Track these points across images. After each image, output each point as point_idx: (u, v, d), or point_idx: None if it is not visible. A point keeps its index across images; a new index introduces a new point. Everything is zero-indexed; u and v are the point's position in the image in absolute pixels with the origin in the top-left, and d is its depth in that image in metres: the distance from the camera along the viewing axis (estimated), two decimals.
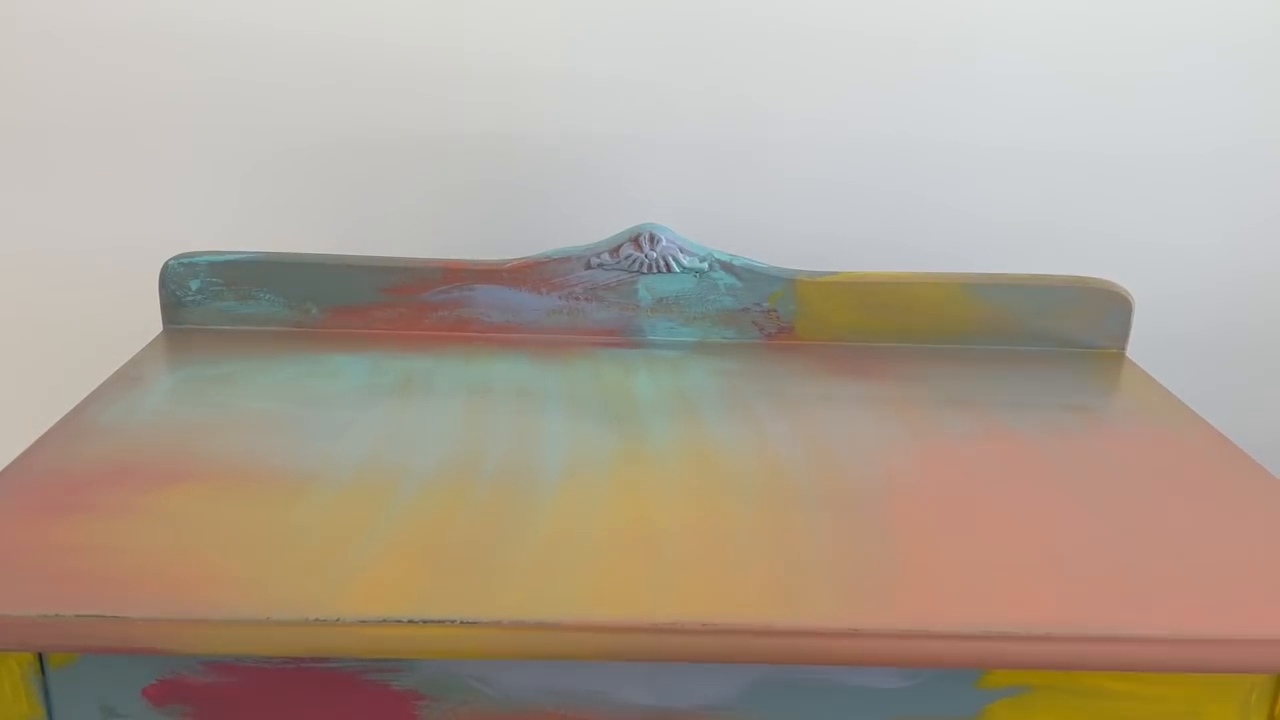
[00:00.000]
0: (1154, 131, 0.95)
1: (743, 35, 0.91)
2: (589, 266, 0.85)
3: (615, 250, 0.85)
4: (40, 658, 0.52)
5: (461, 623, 0.49)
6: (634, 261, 0.85)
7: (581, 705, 0.53)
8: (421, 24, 0.89)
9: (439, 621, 0.49)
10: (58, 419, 0.69)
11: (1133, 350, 0.89)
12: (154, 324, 0.87)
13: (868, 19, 0.91)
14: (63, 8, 0.88)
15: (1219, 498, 0.64)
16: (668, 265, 0.85)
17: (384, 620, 0.49)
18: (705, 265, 0.85)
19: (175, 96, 0.91)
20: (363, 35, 0.90)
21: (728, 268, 0.85)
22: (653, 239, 0.84)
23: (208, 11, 0.88)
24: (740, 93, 0.93)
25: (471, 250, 0.93)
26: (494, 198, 0.95)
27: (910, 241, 0.97)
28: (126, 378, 0.76)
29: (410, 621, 0.49)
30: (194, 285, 0.85)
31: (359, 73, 0.90)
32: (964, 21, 0.91)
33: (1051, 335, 0.87)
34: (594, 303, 0.86)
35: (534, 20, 0.90)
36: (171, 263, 0.84)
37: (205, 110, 0.91)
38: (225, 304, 0.85)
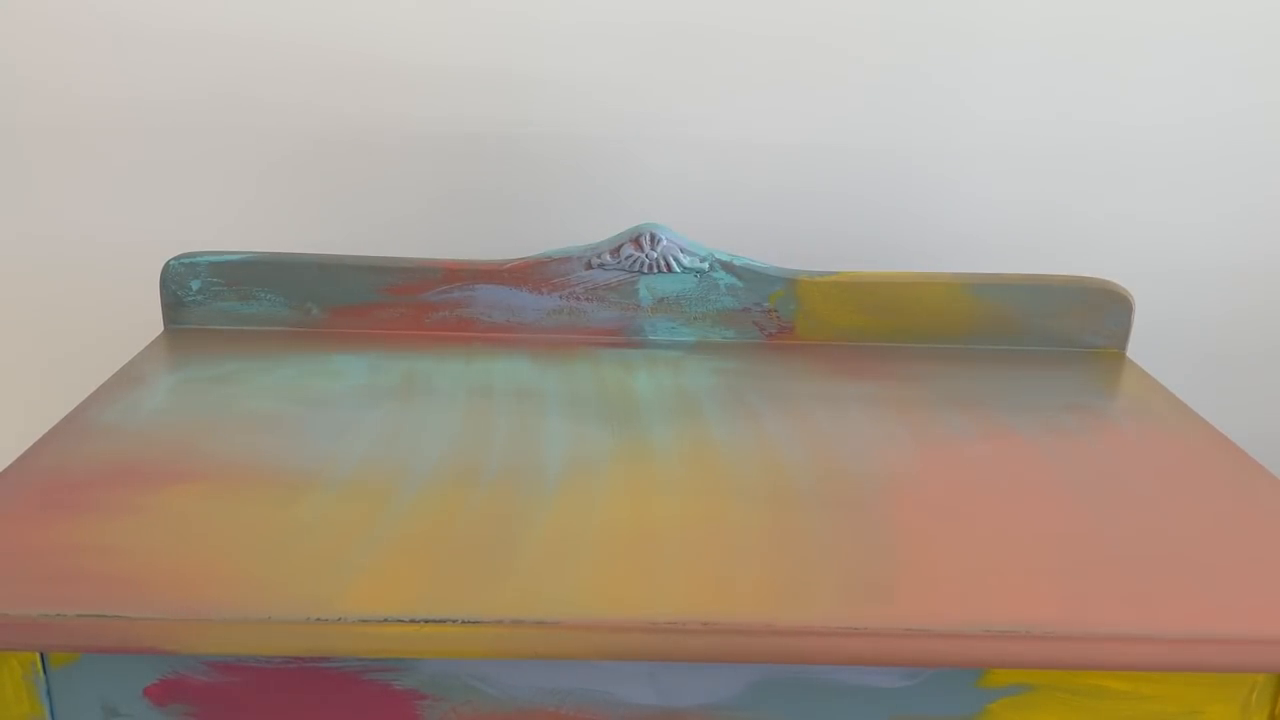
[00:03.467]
0: (1155, 133, 0.95)
1: (743, 36, 0.91)
2: (589, 266, 0.85)
3: (616, 250, 0.85)
4: (42, 657, 0.52)
5: (462, 622, 0.49)
6: (634, 261, 0.85)
7: (582, 705, 0.53)
8: (421, 24, 0.89)
9: (440, 621, 0.49)
10: (59, 419, 0.69)
11: (1133, 350, 0.89)
12: (155, 324, 0.87)
13: (867, 21, 0.91)
14: (64, 9, 0.88)
15: (1219, 498, 0.64)
16: (668, 265, 0.85)
17: (385, 620, 0.49)
18: (706, 265, 0.85)
19: (175, 97, 0.91)
20: (363, 36, 0.90)
21: (728, 267, 0.85)
22: (653, 239, 0.84)
23: (208, 12, 0.88)
24: (740, 93, 0.92)
25: (472, 250, 0.93)
26: (495, 197, 0.95)
27: (910, 241, 0.97)
28: (127, 378, 0.76)
29: (411, 621, 0.49)
30: (195, 285, 0.85)
31: (360, 73, 0.90)
32: (964, 20, 0.91)
33: (1051, 335, 0.87)
34: (594, 303, 0.86)
35: (534, 21, 0.90)
36: (172, 263, 0.84)
37: (206, 111, 0.91)
38: (226, 304, 0.85)
